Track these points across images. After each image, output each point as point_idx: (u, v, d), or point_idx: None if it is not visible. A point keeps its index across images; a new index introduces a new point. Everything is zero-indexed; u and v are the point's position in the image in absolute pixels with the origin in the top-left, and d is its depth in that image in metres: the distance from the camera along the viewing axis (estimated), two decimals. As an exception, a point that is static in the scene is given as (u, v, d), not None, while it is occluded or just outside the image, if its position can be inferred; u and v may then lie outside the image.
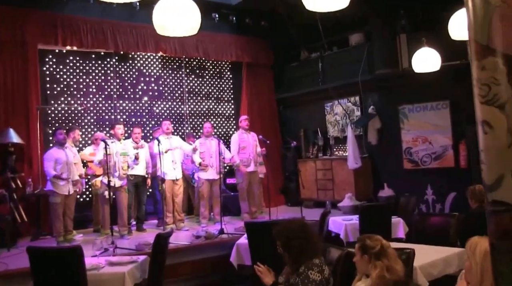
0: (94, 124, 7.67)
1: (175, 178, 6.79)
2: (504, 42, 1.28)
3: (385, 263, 2.46)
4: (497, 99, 1.29)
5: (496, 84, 1.29)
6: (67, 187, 6.00)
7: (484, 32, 1.32)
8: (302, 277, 2.60)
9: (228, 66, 9.43)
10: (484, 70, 1.32)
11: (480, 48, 1.34)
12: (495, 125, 1.30)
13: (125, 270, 3.77)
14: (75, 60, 7.58)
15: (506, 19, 1.28)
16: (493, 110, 1.30)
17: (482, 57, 1.33)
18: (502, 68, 1.28)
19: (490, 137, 1.32)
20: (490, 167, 1.32)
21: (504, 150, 1.27)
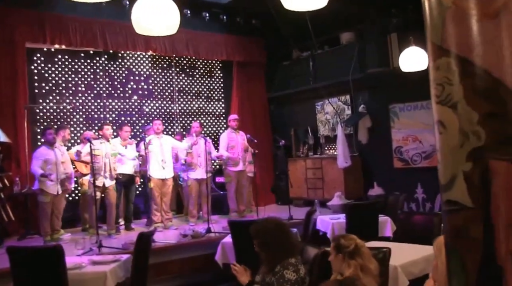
0: (83, 124, 7.65)
1: (164, 177, 6.78)
2: (456, 43, 1.29)
3: (359, 262, 2.47)
4: (450, 99, 1.29)
5: (449, 84, 1.29)
6: (55, 187, 5.98)
7: (438, 33, 1.33)
8: (277, 277, 2.60)
9: (219, 65, 9.42)
10: (438, 70, 1.33)
11: (435, 49, 1.34)
12: (448, 125, 1.30)
13: (107, 269, 3.76)
14: (63, 59, 7.55)
15: (457, 20, 1.29)
16: (447, 110, 1.30)
17: (436, 58, 1.34)
18: (454, 69, 1.28)
19: (444, 137, 1.32)
20: (444, 166, 1.33)
21: (457, 149, 1.27)
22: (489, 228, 1.22)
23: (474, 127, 1.24)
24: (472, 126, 1.24)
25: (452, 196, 1.30)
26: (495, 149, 1.22)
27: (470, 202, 1.25)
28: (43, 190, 5.86)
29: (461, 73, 1.27)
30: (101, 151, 6.16)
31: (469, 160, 1.24)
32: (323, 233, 5.83)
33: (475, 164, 1.24)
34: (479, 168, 1.23)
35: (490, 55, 1.24)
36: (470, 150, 1.24)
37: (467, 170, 1.25)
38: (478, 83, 1.24)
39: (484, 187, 1.23)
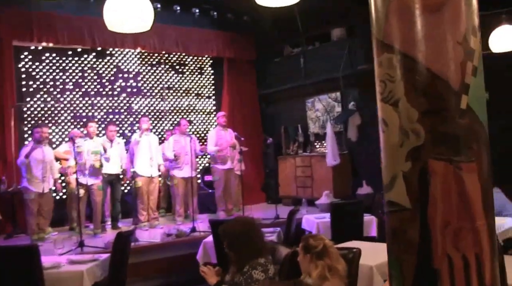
0: (71, 122, 7.59)
1: (150, 175, 6.73)
2: (398, 38, 1.25)
3: (327, 263, 2.43)
4: (391, 96, 1.25)
5: (391, 81, 1.25)
6: (41, 185, 5.93)
7: (381, 28, 1.29)
8: (245, 277, 2.57)
9: (209, 62, 9.36)
10: (381, 67, 1.29)
11: (378, 44, 1.31)
12: (389, 123, 1.26)
13: (84, 269, 3.72)
14: (51, 57, 7.49)
15: (399, 15, 1.24)
16: (388, 108, 1.26)
17: (379, 54, 1.30)
18: (396, 65, 1.24)
19: (386, 136, 1.29)
20: (385, 166, 1.29)
21: (397, 149, 1.24)
22: (425, 229, 1.18)
23: (413, 126, 1.20)
24: (412, 124, 1.21)
25: (392, 196, 1.26)
26: (434, 148, 1.18)
27: (408, 203, 1.21)
28: (27, 188, 5.81)
29: (402, 69, 1.23)
30: (83, 148, 6.12)
31: (408, 159, 1.21)
32: (309, 233, 5.79)
33: (414, 163, 1.20)
34: (417, 168, 1.20)
35: (431, 51, 1.20)
36: (409, 149, 1.21)
37: (406, 170, 1.21)
38: (418, 80, 1.21)
39: (422, 187, 1.19)
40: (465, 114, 1.18)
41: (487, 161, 1.22)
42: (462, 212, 1.16)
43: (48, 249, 4.88)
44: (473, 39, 1.20)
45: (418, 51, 1.20)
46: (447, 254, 1.15)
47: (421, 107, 1.19)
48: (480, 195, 1.18)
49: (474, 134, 1.19)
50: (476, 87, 1.21)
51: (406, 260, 1.22)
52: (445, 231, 1.16)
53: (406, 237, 1.21)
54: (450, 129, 1.17)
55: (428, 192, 1.17)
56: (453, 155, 1.17)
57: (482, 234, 1.17)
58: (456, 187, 1.16)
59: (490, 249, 1.19)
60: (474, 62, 1.20)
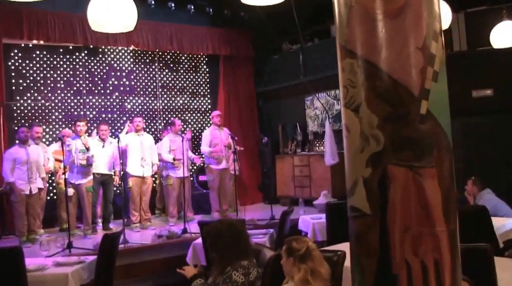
0: (62, 121, 7.64)
1: (142, 175, 6.77)
2: (359, 43, 1.28)
3: (310, 266, 2.46)
4: (353, 102, 1.28)
5: (352, 87, 1.28)
6: (27, 186, 5.98)
7: (343, 33, 1.32)
8: (225, 277, 2.63)
9: (205, 60, 9.39)
10: (343, 72, 1.32)
11: (341, 50, 1.34)
12: (351, 129, 1.29)
13: (69, 271, 3.76)
14: (42, 54, 7.54)
15: (360, 20, 1.27)
16: (350, 114, 1.29)
17: (342, 59, 1.33)
18: (357, 71, 1.27)
19: (348, 142, 1.32)
20: (348, 172, 1.32)
21: (358, 154, 1.27)
22: (385, 235, 1.21)
23: (374, 131, 1.23)
24: (372, 130, 1.24)
25: (353, 202, 1.29)
26: (393, 153, 1.21)
27: (368, 208, 1.24)
28: (12, 189, 5.87)
29: (363, 75, 1.26)
30: (72, 147, 6.17)
31: (369, 165, 1.24)
32: (305, 234, 5.82)
33: (374, 169, 1.23)
34: (377, 174, 1.23)
35: (391, 56, 1.23)
36: (369, 155, 1.24)
37: (367, 175, 1.24)
38: (378, 85, 1.24)
39: (382, 193, 1.22)
40: (426, 119, 1.21)
41: (448, 166, 1.25)
42: (421, 218, 1.19)
43: (36, 250, 4.93)
44: (434, 44, 1.23)
45: (378, 56, 1.23)
46: (406, 259, 1.18)
47: (381, 113, 1.22)
48: (441, 201, 1.21)
49: (434, 140, 1.21)
50: (438, 92, 1.23)
51: (367, 265, 1.25)
52: (404, 236, 1.19)
53: (366, 242, 1.24)
54: (410, 135, 1.20)
55: (388, 197, 1.20)
56: (413, 161, 1.19)
57: (442, 240, 1.20)
58: (415, 193, 1.19)
59: (451, 255, 1.22)
60: (435, 67, 1.23)
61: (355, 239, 1.29)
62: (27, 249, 5.27)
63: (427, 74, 1.21)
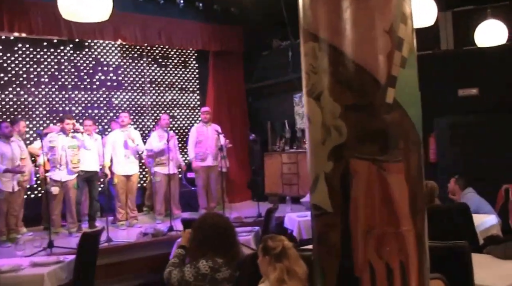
0: (46, 117, 7.49)
1: (128, 173, 6.66)
2: (322, 26, 1.17)
3: (286, 265, 2.37)
4: (314, 89, 1.18)
5: (314, 72, 1.18)
6: (11, 183, 5.85)
7: (306, 15, 1.21)
8: (194, 263, 2.66)
9: (194, 55, 9.26)
10: (306, 57, 1.22)
11: (303, 33, 1.23)
12: (313, 119, 1.19)
13: (45, 272, 3.66)
14: (24, 47, 7.36)
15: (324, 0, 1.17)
16: (312, 102, 1.19)
17: (304, 43, 1.23)
18: (318, 55, 1.17)
19: (310, 133, 1.21)
20: (310, 166, 1.22)
21: (319, 147, 1.17)
22: (347, 235, 1.12)
23: (336, 122, 1.13)
24: (334, 120, 1.13)
25: (315, 199, 1.19)
26: (356, 146, 1.11)
27: (330, 206, 1.14)
28: (-4, 188, 5.74)
29: (325, 60, 1.16)
30: (57, 143, 6.04)
31: (330, 159, 1.14)
32: (291, 231, 5.74)
33: (336, 163, 1.13)
34: (339, 168, 1.13)
35: (355, 40, 1.13)
36: (331, 148, 1.14)
37: (328, 170, 1.14)
38: (341, 71, 1.13)
39: (344, 189, 1.12)
40: (392, 109, 1.11)
41: (417, 161, 1.15)
42: (386, 217, 1.10)
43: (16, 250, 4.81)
44: (402, 27, 1.13)
45: (342, 40, 1.13)
46: (369, 261, 1.09)
47: (344, 101, 1.12)
48: (407, 198, 1.11)
49: (401, 132, 1.12)
50: (406, 80, 1.14)
51: (328, 267, 1.15)
52: (367, 236, 1.09)
53: (328, 243, 1.15)
54: (374, 126, 1.10)
55: (350, 194, 1.11)
56: (377, 154, 1.10)
57: (408, 240, 1.11)
58: (379, 189, 1.09)
59: (418, 256, 1.12)
60: (404, 52, 1.13)
61: (317, 239, 1.19)
62: (6, 249, 5.16)
63: (395, 59, 1.12)
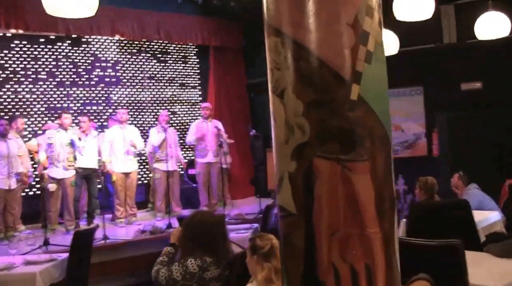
0: (44, 113, 7.50)
1: (127, 171, 6.67)
2: (284, 19, 1.14)
3: (274, 264, 2.35)
4: (277, 86, 1.15)
5: (277, 68, 1.15)
6: (7, 181, 5.88)
7: (270, 9, 1.18)
8: (182, 261, 2.65)
9: (194, 50, 9.23)
10: (269, 52, 1.18)
11: (267, 27, 1.20)
12: (277, 117, 1.16)
13: (37, 270, 3.67)
14: (21, 44, 7.36)
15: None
16: (275, 100, 1.16)
17: (267, 37, 1.19)
18: (281, 50, 1.14)
19: (274, 132, 1.18)
20: (275, 166, 1.19)
21: (283, 146, 1.13)
22: (310, 237, 1.09)
23: (298, 120, 1.10)
24: (297, 118, 1.10)
25: (280, 200, 1.16)
26: (319, 145, 1.08)
27: (293, 207, 1.11)
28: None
29: (287, 55, 1.13)
30: (55, 139, 6.07)
31: (294, 158, 1.11)
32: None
33: (299, 163, 1.10)
34: (302, 168, 1.10)
35: (318, 34, 1.09)
36: (294, 147, 1.11)
37: (292, 170, 1.11)
38: (303, 67, 1.10)
39: (307, 190, 1.09)
40: (357, 106, 1.07)
41: (384, 160, 1.12)
42: (350, 218, 1.06)
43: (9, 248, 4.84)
44: (368, 20, 1.09)
45: (304, 34, 1.09)
46: (333, 264, 1.06)
47: (306, 99, 1.09)
48: (374, 199, 1.08)
49: (367, 130, 1.08)
50: (372, 76, 1.10)
51: (293, 270, 1.12)
52: (331, 239, 1.06)
53: (292, 245, 1.12)
54: (337, 124, 1.07)
55: (313, 195, 1.08)
56: (341, 153, 1.06)
57: (375, 243, 1.07)
58: (343, 190, 1.06)
59: (386, 259, 1.09)
60: (369, 47, 1.09)
61: (282, 241, 1.17)
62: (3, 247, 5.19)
63: (359, 54, 1.08)
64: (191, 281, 2.59)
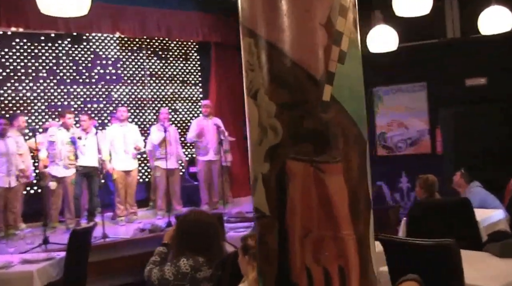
0: (45, 112, 7.55)
1: (127, 169, 6.70)
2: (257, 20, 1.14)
3: (264, 265, 2.35)
4: (251, 87, 1.15)
5: (251, 69, 1.15)
6: (6, 179, 5.93)
7: (244, 9, 1.18)
8: (175, 261, 2.65)
9: (195, 47, 9.23)
10: (244, 53, 1.19)
11: (242, 28, 1.20)
12: (251, 118, 1.16)
13: (34, 269, 3.71)
14: (22, 42, 7.40)
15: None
16: (250, 101, 1.17)
17: (242, 38, 1.20)
18: (254, 51, 1.14)
19: (249, 133, 1.19)
20: (250, 167, 1.19)
21: (257, 147, 1.14)
22: (284, 239, 1.09)
23: (271, 121, 1.10)
24: (270, 119, 1.11)
25: (255, 201, 1.17)
26: (292, 146, 1.08)
27: (267, 209, 1.12)
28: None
29: (260, 56, 1.13)
30: (57, 138, 6.11)
31: (267, 160, 1.11)
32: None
33: (272, 164, 1.10)
34: (276, 170, 1.10)
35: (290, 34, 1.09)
36: (267, 148, 1.11)
37: (265, 171, 1.12)
38: (276, 67, 1.10)
39: (281, 192, 1.10)
40: (329, 107, 1.07)
41: (358, 161, 1.11)
42: (324, 220, 1.07)
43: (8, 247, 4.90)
44: (341, 20, 1.09)
45: (277, 35, 1.09)
46: (307, 267, 1.06)
47: (279, 100, 1.09)
48: (347, 201, 1.08)
49: (340, 131, 1.08)
50: (345, 76, 1.10)
51: (267, 272, 1.13)
52: (305, 241, 1.06)
53: (266, 246, 1.13)
54: (310, 125, 1.07)
55: (287, 197, 1.08)
56: (314, 155, 1.06)
57: (348, 245, 1.08)
58: (317, 192, 1.06)
59: (360, 261, 1.09)
60: (342, 47, 1.09)
61: (258, 242, 1.17)
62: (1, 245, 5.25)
63: (332, 55, 1.08)
64: (184, 281, 2.60)
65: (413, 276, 1.93)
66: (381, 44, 5.06)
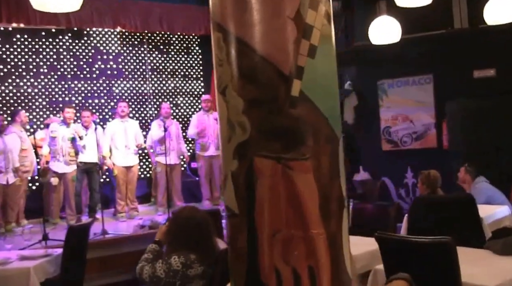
0: (46, 107, 7.60)
1: (128, 165, 6.72)
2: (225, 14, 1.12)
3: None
4: (220, 83, 1.14)
5: (220, 65, 1.14)
6: (4, 176, 5.97)
7: (214, 3, 1.17)
8: (166, 258, 2.66)
9: (197, 41, 9.22)
10: (213, 48, 1.17)
11: (212, 23, 1.19)
12: (220, 115, 1.15)
13: (31, 265, 3.73)
14: (23, 38, 7.44)
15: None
16: (219, 97, 1.15)
17: (212, 33, 1.18)
18: (222, 46, 1.12)
19: (220, 130, 1.17)
20: (222, 164, 1.18)
21: (226, 145, 1.13)
22: (253, 238, 1.08)
23: (239, 118, 1.09)
24: (238, 116, 1.09)
25: (225, 200, 1.16)
26: (260, 143, 1.07)
27: (236, 207, 1.11)
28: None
29: (228, 50, 1.11)
30: (58, 133, 6.15)
31: (235, 157, 1.10)
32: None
33: (241, 162, 1.09)
34: (244, 167, 1.09)
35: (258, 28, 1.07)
36: (236, 145, 1.10)
37: (234, 169, 1.10)
38: (244, 62, 1.09)
39: (249, 190, 1.08)
40: (298, 103, 1.06)
41: (329, 159, 1.10)
42: (293, 219, 1.05)
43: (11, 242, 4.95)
44: (311, 13, 1.07)
45: (245, 30, 1.07)
46: (275, 267, 1.05)
47: (247, 96, 1.07)
48: (317, 199, 1.06)
49: (310, 127, 1.06)
50: (316, 71, 1.08)
51: (237, 271, 1.12)
52: (273, 240, 1.05)
53: (236, 246, 1.12)
54: (278, 122, 1.05)
55: (255, 195, 1.07)
56: (282, 152, 1.05)
57: (318, 244, 1.06)
58: (285, 190, 1.05)
59: (331, 260, 1.08)
60: (312, 41, 1.07)
61: (228, 241, 1.16)
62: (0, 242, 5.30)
63: (301, 49, 1.06)
64: (175, 278, 2.61)
65: (404, 275, 1.91)
66: (383, 35, 4.99)
